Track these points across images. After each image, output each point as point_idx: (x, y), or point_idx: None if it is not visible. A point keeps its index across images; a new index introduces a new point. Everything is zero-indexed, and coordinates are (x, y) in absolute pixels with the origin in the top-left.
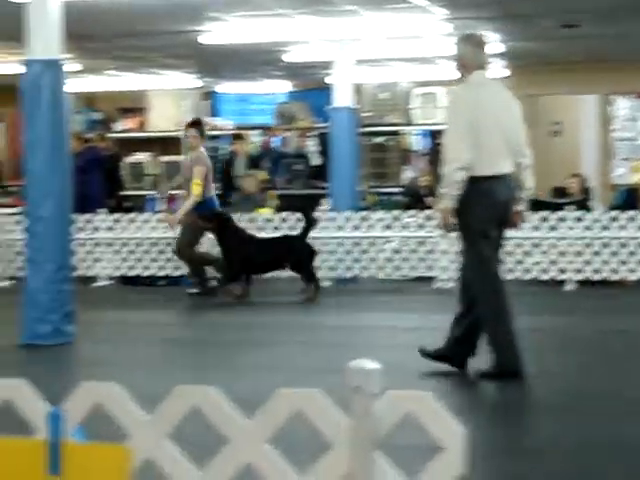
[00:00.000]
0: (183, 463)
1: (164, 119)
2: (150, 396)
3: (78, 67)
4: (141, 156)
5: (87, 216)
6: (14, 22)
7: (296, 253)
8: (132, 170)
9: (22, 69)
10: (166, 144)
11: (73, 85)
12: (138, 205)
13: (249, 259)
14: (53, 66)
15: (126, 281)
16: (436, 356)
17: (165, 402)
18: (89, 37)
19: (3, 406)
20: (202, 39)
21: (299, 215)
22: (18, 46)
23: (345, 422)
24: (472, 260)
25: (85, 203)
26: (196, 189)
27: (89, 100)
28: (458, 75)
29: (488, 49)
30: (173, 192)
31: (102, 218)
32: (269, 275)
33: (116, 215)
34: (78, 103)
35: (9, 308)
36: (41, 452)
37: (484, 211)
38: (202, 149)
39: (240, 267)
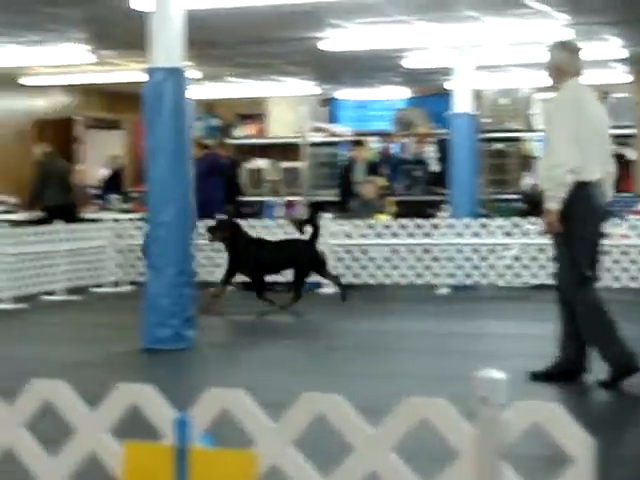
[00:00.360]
0: (308, 470)
1: (283, 125)
2: (272, 401)
3: (198, 75)
4: (260, 162)
5: (206, 221)
6: (137, 30)
7: (303, 257)
8: (251, 176)
9: (144, 77)
10: (285, 150)
11: (193, 92)
12: (257, 211)
13: (263, 261)
14: (175, 74)
15: (246, 286)
16: (548, 375)
17: (292, 409)
18: (210, 44)
19: (130, 411)
20: (322, 45)
21: (419, 221)
22: (141, 54)
23: (471, 432)
24: (571, 266)
25: (204, 209)
26: None
27: (208, 107)
28: (551, 82)
29: (582, 56)
30: (291, 198)
31: None
32: (388, 282)
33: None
34: (198, 109)
35: (130, 313)
36: (168, 457)
37: (585, 217)
38: None
39: (258, 270)
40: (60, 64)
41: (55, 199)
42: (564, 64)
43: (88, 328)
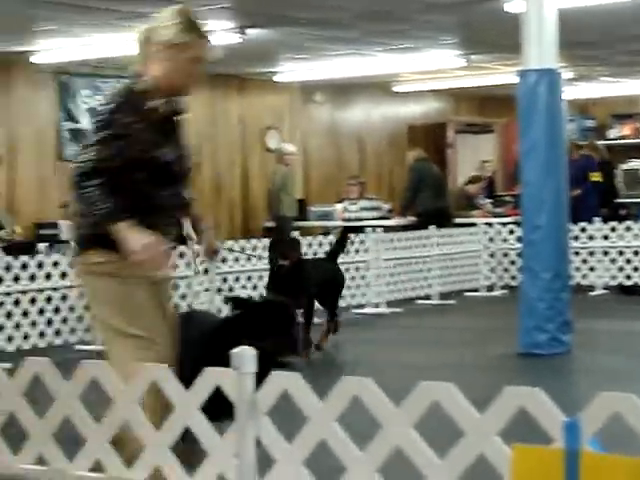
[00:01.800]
0: None
1: None
2: None
3: (571, 75)
4: (636, 163)
5: (582, 224)
6: (509, 33)
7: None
8: (627, 177)
9: (515, 79)
10: None
11: (566, 92)
12: (634, 213)
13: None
14: (549, 75)
15: (623, 290)
16: None
17: None
18: (583, 44)
19: (518, 413)
20: None
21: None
22: (512, 57)
23: None
24: None
25: (579, 211)
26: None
27: (582, 107)
28: None
29: None
30: None
31: (597, 227)
32: None
33: (612, 223)
34: (571, 110)
35: (505, 316)
36: (559, 461)
37: None
38: None
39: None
40: (430, 70)
41: (428, 204)
42: None
43: (463, 332)
